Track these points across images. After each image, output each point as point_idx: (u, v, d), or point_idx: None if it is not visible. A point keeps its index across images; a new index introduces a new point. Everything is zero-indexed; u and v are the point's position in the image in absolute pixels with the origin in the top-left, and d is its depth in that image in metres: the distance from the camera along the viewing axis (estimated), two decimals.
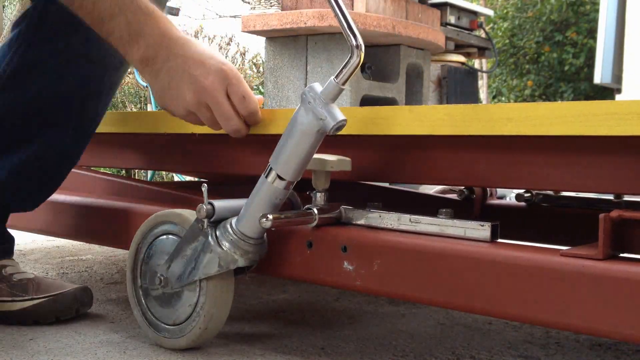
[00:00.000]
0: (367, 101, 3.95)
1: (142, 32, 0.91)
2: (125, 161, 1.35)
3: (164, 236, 0.98)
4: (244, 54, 9.04)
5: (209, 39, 7.71)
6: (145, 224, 1.00)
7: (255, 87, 8.28)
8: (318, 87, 0.82)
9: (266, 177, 0.86)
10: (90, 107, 1.12)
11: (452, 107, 0.82)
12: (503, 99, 9.36)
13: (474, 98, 5.17)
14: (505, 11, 9.04)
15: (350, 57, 0.79)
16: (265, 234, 0.92)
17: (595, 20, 6.99)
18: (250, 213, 0.88)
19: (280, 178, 0.85)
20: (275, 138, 0.88)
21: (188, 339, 0.94)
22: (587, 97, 8.59)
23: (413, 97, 4.41)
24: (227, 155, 1.13)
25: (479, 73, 6.45)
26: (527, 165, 0.82)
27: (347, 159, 0.90)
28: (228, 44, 7.72)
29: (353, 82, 3.86)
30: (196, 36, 7.69)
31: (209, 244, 0.90)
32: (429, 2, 4.54)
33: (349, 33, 0.78)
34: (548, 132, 0.75)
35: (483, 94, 8.03)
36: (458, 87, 4.86)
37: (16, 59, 1.06)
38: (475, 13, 5.14)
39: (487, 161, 0.86)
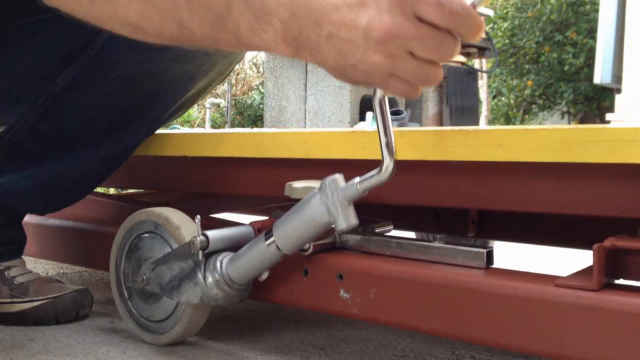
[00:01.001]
0: (368, 101, 3.95)
1: (266, 8, 0.67)
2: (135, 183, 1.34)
3: (145, 234, 0.98)
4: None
5: None
6: (124, 226, 1.01)
7: (255, 87, 8.28)
8: (340, 181, 0.79)
9: (265, 240, 0.85)
10: (129, 130, 1.11)
11: (443, 133, 0.81)
12: (503, 99, 9.36)
13: (474, 98, 5.18)
14: (505, 11, 9.04)
15: (379, 171, 0.75)
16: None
17: (595, 20, 6.99)
18: (241, 264, 0.88)
19: (278, 248, 0.84)
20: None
21: (173, 333, 0.96)
22: (587, 97, 8.60)
23: None
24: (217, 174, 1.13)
25: (479, 73, 6.45)
26: (519, 187, 0.82)
27: None
28: None
29: None
30: None
31: (197, 276, 0.90)
32: None
33: (386, 150, 0.74)
34: (539, 158, 0.74)
35: (483, 94, 8.04)
36: (458, 87, 4.86)
37: (69, 78, 1.05)
38: None
39: (478, 184, 0.85)
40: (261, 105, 8.08)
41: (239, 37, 0.69)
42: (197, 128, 6.85)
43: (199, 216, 0.89)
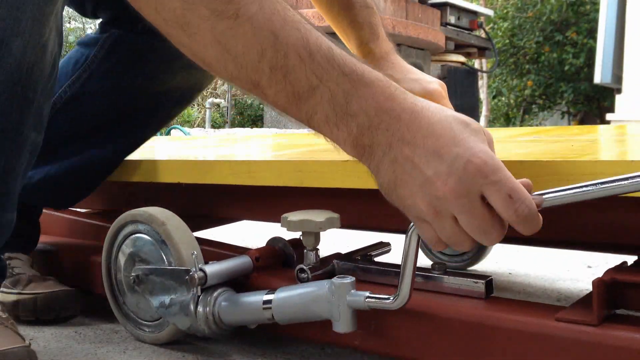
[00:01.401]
0: None
1: (350, 109, 0.64)
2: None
3: (135, 235, 0.98)
4: None
5: None
6: (111, 229, 1.01)
7: None
8: (350, 287, 0.79)
9: (263, 304, 0.85)
10: (139, 127, 1.14)
11: None
12: (503, 99, 9.37)
13: (474, 98, 5.18)
14: (505, 11, 9.05)
15: (392, 299, 0.75)
16: None
17: (595, 20, 7.00)
18: (234, 312, 0.89)
19: (273, 316, 0.85)
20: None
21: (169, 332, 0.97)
22: (587, 97, 8.60)
23: None
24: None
25: (479, 73, 6.45)
26: None
27: (336, 215, 0.88)
28: None
29: None
30: None
31: (189, 308, 0.90)
32: (429, 2, 4.54)
33: (406, 284, 0.73)
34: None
35: (483, 94, 8.04)
36: (458, 87, 4.87)
37: (78, 85, 1.08)
38: (475, 13, 5.15)
39: None
40: (261, 105, 8.08)
41: (310, 121, 0.67)
42: (197, 128, 6.85)
43: (195, 252, 0.90)
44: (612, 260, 1.54)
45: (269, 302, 0.85)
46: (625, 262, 0.76)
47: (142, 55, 1.07)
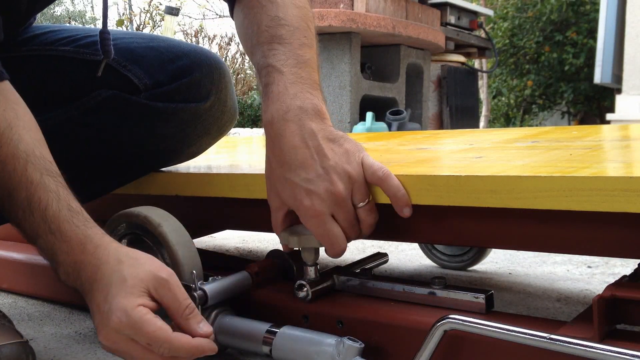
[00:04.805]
0: (367, 101, 3.95)
1: (56, 258, 0.79)
2: None
3: (128, 236, 0.97)
4: (245, 54, 9.04)
5: (209, 38, 7.71)
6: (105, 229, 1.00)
7: (255, 87, 8.30)
8: (356, 352, 0.79)
9: (263, 338, 0.85)
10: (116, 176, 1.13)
11: (435, 178, 0.80)
12: (503, 99, 9.37)
13: (474, 98, 5.18)
14: (505, 11, 9.04)
15: None
16: None
17: (595, 20, 6.99)
18: (232, 336, 0.88)
19: (270, 353, 0.84)
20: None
21: None
22: (587, 97, 8.60)
23: (413, 97, 4.41)
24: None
25: (479, 73, 6.45)
26: (514, 230, 0.83)
27: None
28: (228, 44, 7.73)
29: (353, 82, 3.86)
30: (196, 36, 7.69)
31: None
32: (429, 2, 4.54)
33: None
34: (533, 205, 0.73)
35: (483, 94, 8.04)
36: (458, 87, 4.86)
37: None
38: (475, 13, 5.15)
39: (474, 226, 0.85)
40: (261, 106, 8.07)
41: (44, 256, 0.81)
42: None
43: (194, 271, 0.89)
44: (613, 260, 1.54)
45: (270, 337, 0.84)
46: (625, 276, 0.76)
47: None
